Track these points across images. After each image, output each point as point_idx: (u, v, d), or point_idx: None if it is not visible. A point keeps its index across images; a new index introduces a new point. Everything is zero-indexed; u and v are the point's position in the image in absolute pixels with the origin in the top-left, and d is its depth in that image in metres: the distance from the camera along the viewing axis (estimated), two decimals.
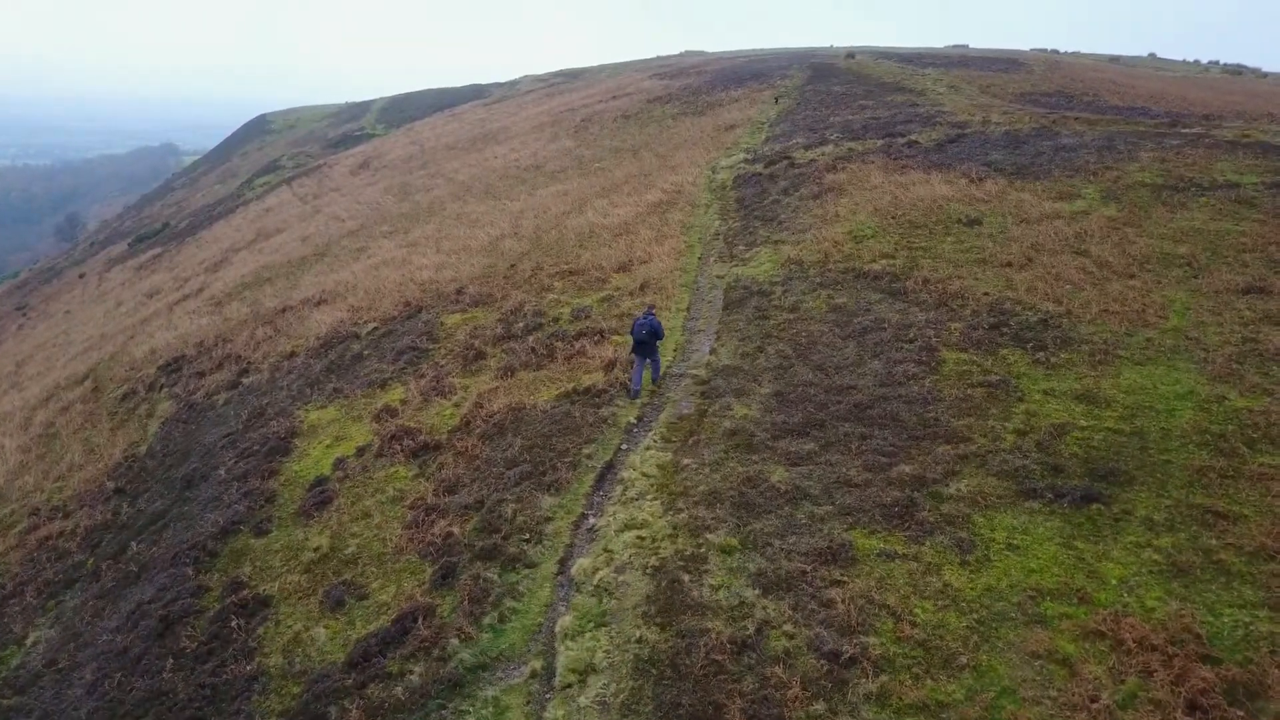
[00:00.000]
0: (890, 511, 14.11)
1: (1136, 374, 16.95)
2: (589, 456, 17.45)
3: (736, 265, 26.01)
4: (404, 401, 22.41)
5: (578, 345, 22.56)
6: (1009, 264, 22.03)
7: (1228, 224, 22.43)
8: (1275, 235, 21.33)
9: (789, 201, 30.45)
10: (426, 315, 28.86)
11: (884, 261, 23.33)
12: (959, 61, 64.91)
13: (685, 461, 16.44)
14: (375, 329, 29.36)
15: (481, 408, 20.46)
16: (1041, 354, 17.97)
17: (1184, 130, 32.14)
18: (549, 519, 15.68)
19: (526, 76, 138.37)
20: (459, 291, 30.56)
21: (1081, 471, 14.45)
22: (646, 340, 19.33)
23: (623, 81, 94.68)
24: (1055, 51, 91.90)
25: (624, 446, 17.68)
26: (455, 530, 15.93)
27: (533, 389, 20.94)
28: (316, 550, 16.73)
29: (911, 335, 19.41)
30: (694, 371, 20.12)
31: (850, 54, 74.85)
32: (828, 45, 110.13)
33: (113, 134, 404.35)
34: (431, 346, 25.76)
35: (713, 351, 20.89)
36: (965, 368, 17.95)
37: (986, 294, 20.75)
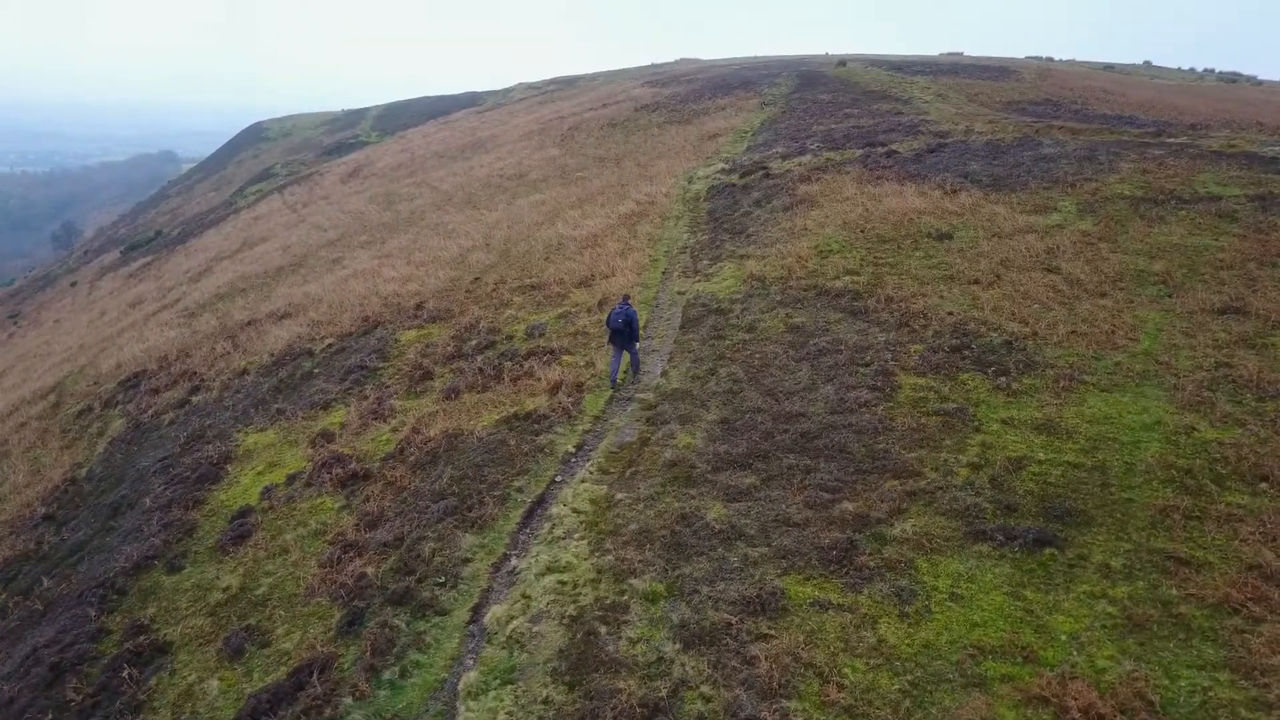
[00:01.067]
0: (828, 555, 13.05)
1: (1102, 402, 15.89)
2: (520, 490, 16.41)
3: (699, 281, 24.98)
4: (343, 425, 21.42)
5: (526, 366, 21.54)
6: (976, 281, 20.99)
7: (1206, 239, 21.39)
8: (1255, 251, 20.27)
9: (759, 214, 29.44)
10: (382, 331, 27.87)
11: (847, 278, 22.29)
12: (949, 69, 63.95)
13: (619, 496, 15.40)
14: (330, 345, 28.37)
15: (418, 433, 19.44)
16: (1003, 379, 16.92)
17: (1169, 140, 31.10)
18: (468, 560, 14.63)
19: (521, 84, 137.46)
20: (419, 306, 29.59)
21: (1036, 511, 13.39)
22: (623, 330, 19.25)
23: (615, 89, 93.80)
24: (1050, 59, 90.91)
25: (559, 478, 16.64)
26: (369, 571, 14.88)
27: (474, 413, 19.92)
28: (226, 590, 15.70)
29: (868, 358, 18.36)
30: (642, 395, 19.10)
31: (841, 62, 73.90)
32: (823, 53, 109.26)
33: (112, 140, 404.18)
34: (381, 365, 24.75)
35: (664, 374, 19.86)
36: (922, 394, 16.89)
37: (950, 313, 19.71)
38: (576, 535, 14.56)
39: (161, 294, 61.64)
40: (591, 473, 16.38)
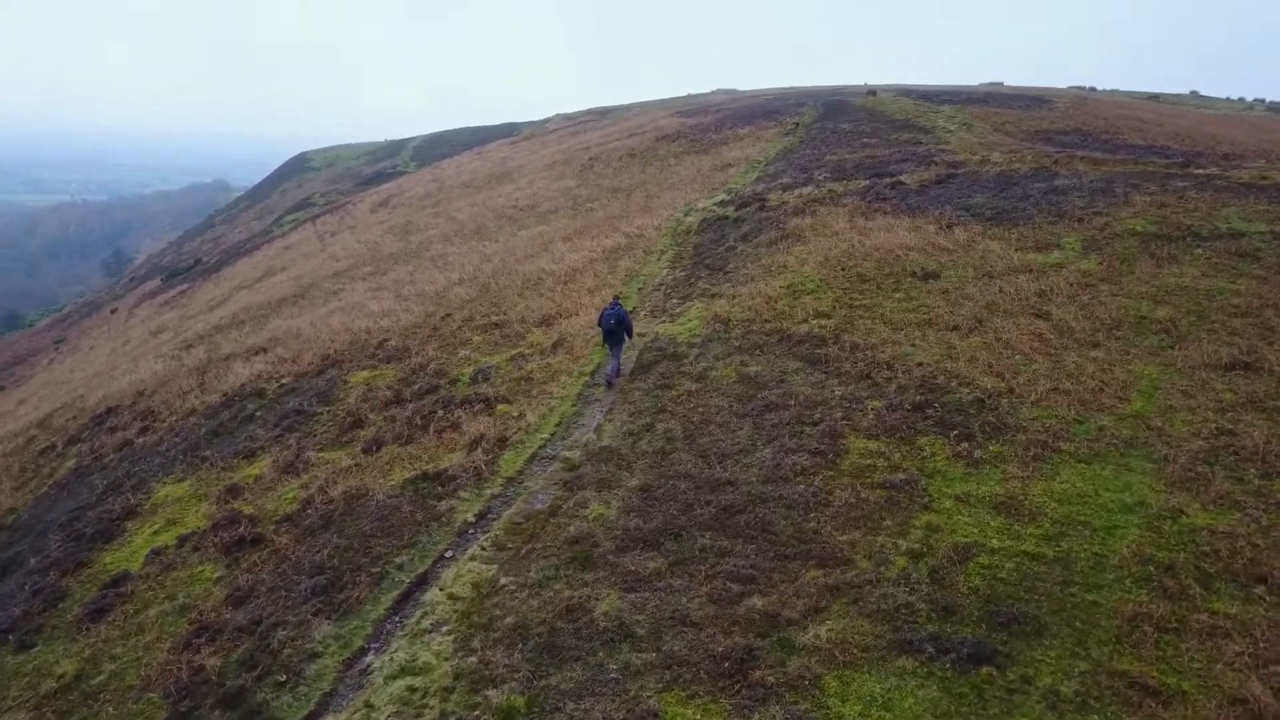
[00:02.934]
0: (721, 666, 10.83)
1: (1077, 475, 13.50)
2: (401, 567, 14.37)
3: (663, 322, 22.89)
4: (258, 479, 19.61)
5: (455, 416, 19.60)
6: (955, 327, 18.66)
7: (1222, 281, 18.86)
8: (1275, 296, 17.75)
9: (744, 249, 27.30)
10: (335, 372, 26.14)
11: (816, 322, 20.06)
12: (980, 98, 61.32)
13: (505, 581, 13.29)
14: (282, 386, 26.68)
15: (324, 492, 17.53)
16: (966, 445, 14.58)
17: (1196, 171, 28.45)
18: (318, 654, 12.61)
19: (558, 115, 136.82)
20: (381, 344, 27.83)
21: (979, 615, 11.06)
22: (615, 329, 19.71)
23: (645, 120, 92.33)
24: (1092, 89, 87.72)
25: (449, 553, 14.58)
26: (210, 663, 12.93)
27: (386, 470, 17.99)
28: (60, 678, 13.83)
29: (818, 416, 16.11)
30: (568, 453, 17.01)
31: (871, 91, 71.60)
32: (861, 83, 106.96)
33: (169, 170, 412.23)
34: (320, 410, 22.96)
35: (598, 428, 17.75)
36: (869, 462, 14.61)
37: (921, 364, 17.40)
38: (445, 628, 12.48)
39: (180, 323, 61.06)
40: (484, 548, 14.30)
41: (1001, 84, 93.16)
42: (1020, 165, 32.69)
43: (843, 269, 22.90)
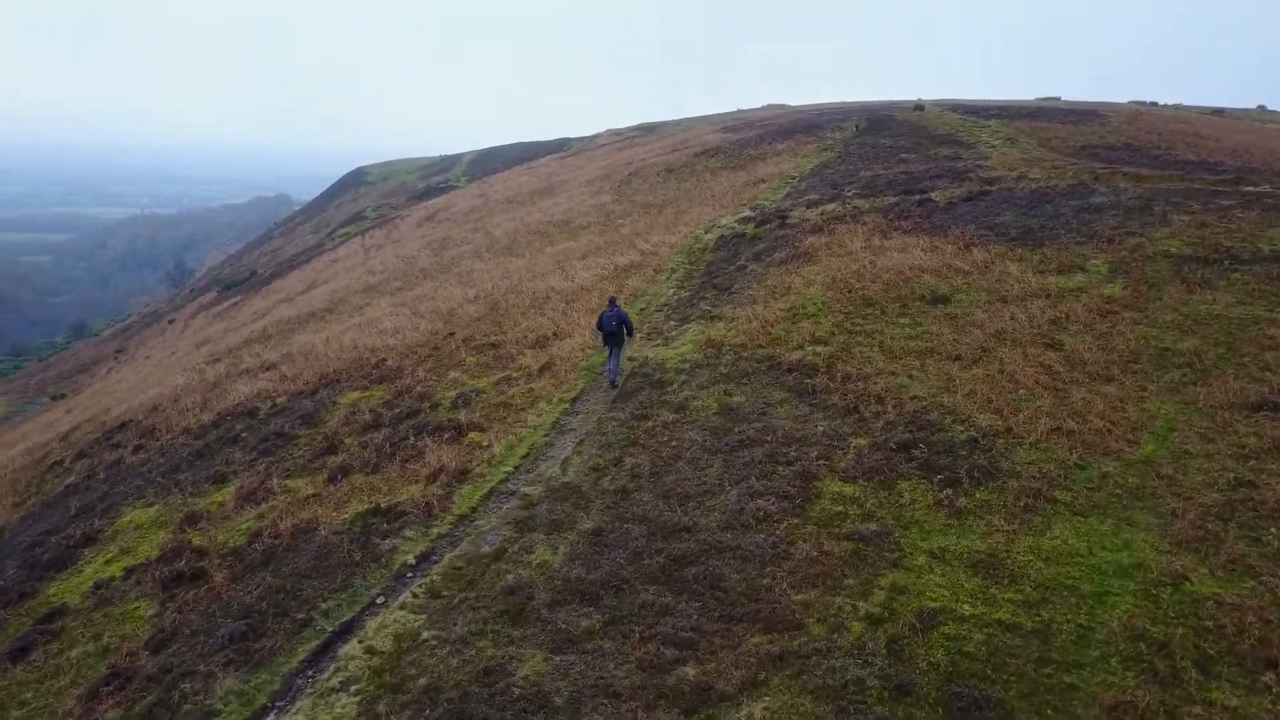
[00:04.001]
0: None
1: (1071, 530, 11.97)
2: (327, 613, 13.27)
3: (658, 345, 21.63)
4: (220, 506, 18.72)
5: (422, 444, 18.56)
6: (958, 357, 17.14)
7: (1258, 309, 17.09)
8: None
9: (754, 269, 25.96)
10: (327, 392, 25.30)
11: (811, 349, 18.67)
12: (1031, 113, 59.07)
13: (429, 635, 12.12)
14: (274, 405, 25.90)
15: (274, 525, 16.54)
16: (950, 491, 13.10)
17: (1246, 188, 26.45)
18: (215, 713, 11.52)
19: (608, 130, 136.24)
20: (379, 364, 26.96)
21: (936, 696, 9.62)
22: (616, 331, 19.68)
23: (690, 135, 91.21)
24: (1153, 104, 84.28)
25: (381, 599, 13.45)
26: (109, 717, 11.92)
27: (344, 501, 16.97)
28: None
29: (793, 454, 14.72)
30: (528, 489, 15.82)
31: (918, 105, 69.65)
32: (914, 98, 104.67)
33: (235, 184, 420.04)
34: (300, 433, 22.08)
35: (565, 461, 16.54)
36: (841, 508, 13.20)
37: (915, 398, 15.92)
38: (354, 687, 11.34)
39: (224, 335, 61.34)
40: (417, 596, 13.14)
41: (1058, 99, 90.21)
42: (1058, 181, 30.90)
43: (849, 291, 21.45)
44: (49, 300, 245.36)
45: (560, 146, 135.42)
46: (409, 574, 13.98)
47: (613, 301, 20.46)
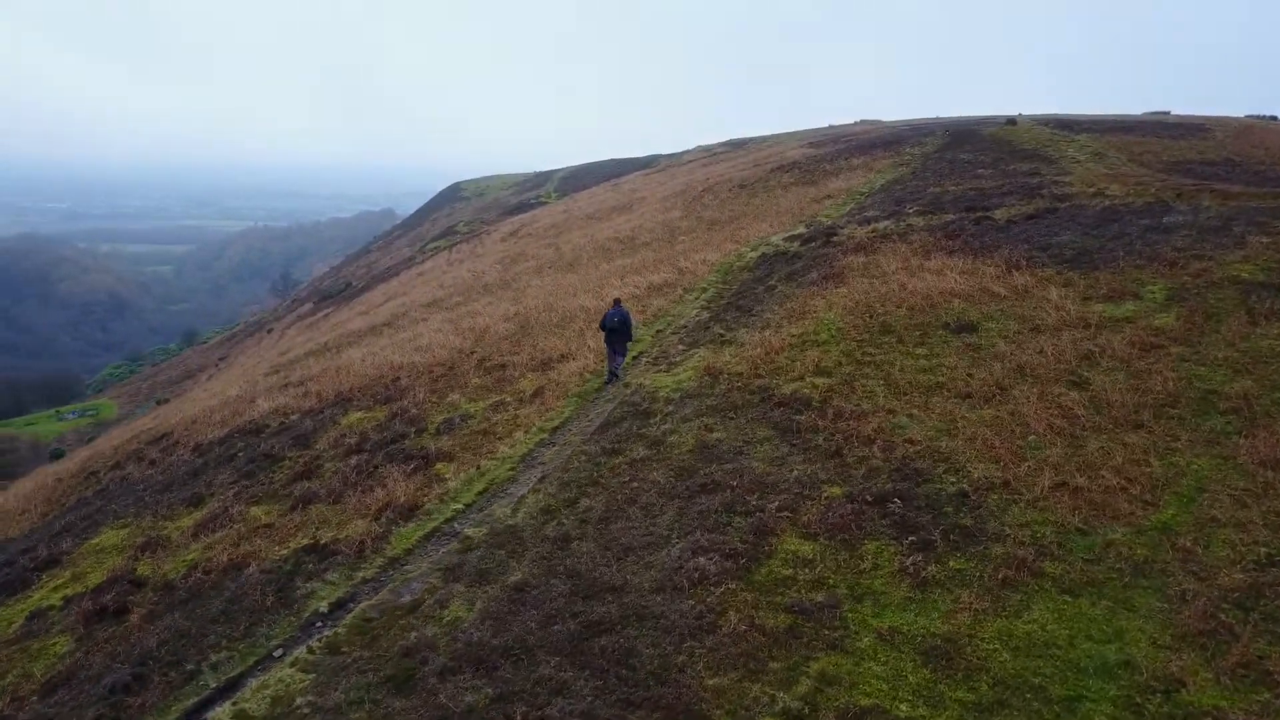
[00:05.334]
0: None
1: (1053, 612, 9.93)
2: (216, 666, 11.99)
3: (660, 371, 20.00)
4: (182, 532, 17.77)
5: (387, 473, 17.29)
6: (968, 395, 15.07)
7: None
8: None
9: (782, 290, 24.12)
10: (334, 410, 24.38)
11: (811, 380, 16.81)
12: (1127, 127, 55.45)
13: (304, 701, 10.71)
14: (283, 423, 25.11)
15: (214, 558, 15.46)
16: (920, 557, 11.16)
17: None
18: None
19: (698, 146, 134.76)
20: (393, 382, 25.99)
21: None
22: (618, 329, 19.89)
23: (775, 151, 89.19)
24: (1273, 118, 78.67)
25: (278, 652, 12.11)
26: None
27: (291, 534, 15.80)
28: None
29: (755, 503, 12.92)
30: (472, 530, 14.36)
31: (1010, 120, 66.38)
32: (1015, 113, 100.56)
33: (345, 199, 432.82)
34: (289, 455, 21.11)
35: (519, 500, 15.04)
36: (790, 572, 11.36)
37: (909, 441, 13.95)
38: None
39: (298, 346, 61.96)
40: (313, 651, 11.77)
41: (1168, 113, 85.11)
42: (1134, 199, 28.22)
43: (870, 316, 19.49)
44: (168, 308, 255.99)
45: (650, 163, 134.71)
46: (318, 623, 12.63)
47: (617, 302, 20.74)
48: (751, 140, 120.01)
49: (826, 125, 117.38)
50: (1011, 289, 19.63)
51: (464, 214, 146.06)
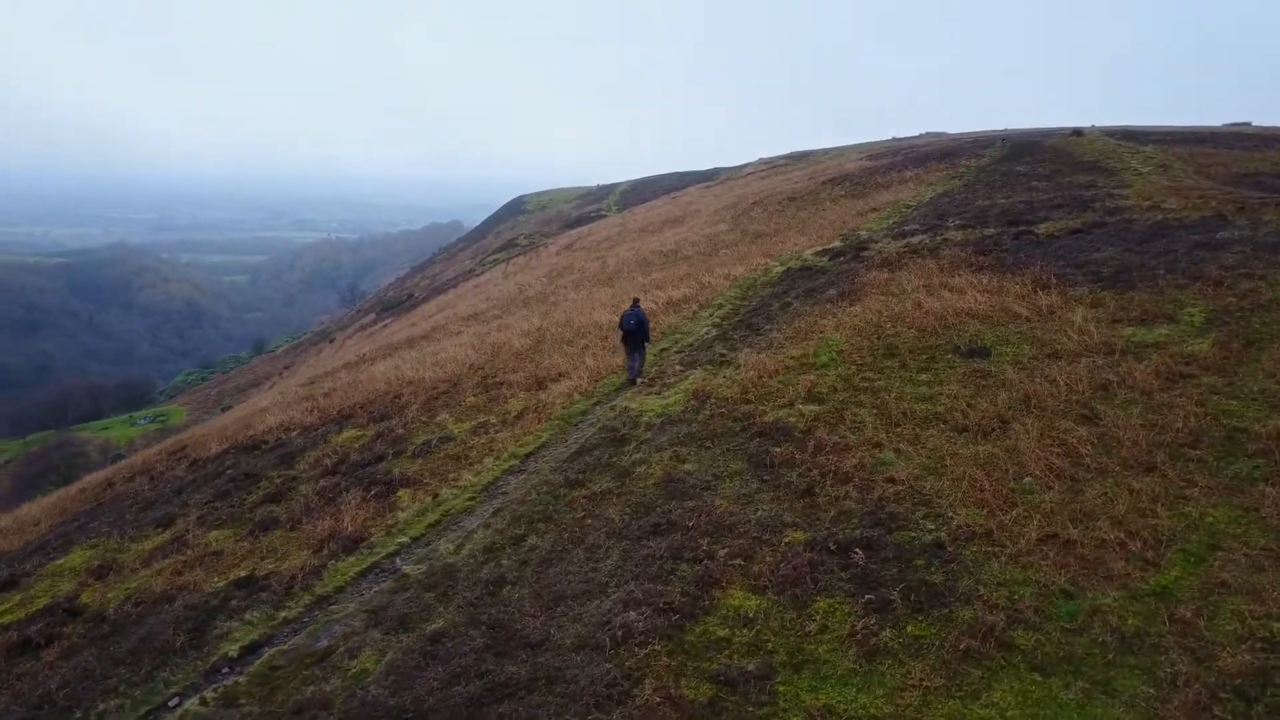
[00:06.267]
0: None
1: (1016, 694, 8.42)
2: (103, 716, 10.99)
3: (652, 393, 18.70)
4: (139, 556, 16.97)
5: (346, 499, 16.25)
6: (965, 428, 13.51)
7: None
8: None
9: (796, 307, 22.67)
10: (328, 429, 23.57)
11: (801, 407, 15.38)
12: (1199, 139, 52.54)
13: None
14: (280, 440, 24.36)
15: (151, 588, 14.57)
16: (876, 619, 9.69)
17: None
18: None
19: (760, 159, 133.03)
20: (394, 399, 25.08)
21: None
22: (635, 330, 19.81)
23: (833, 164, 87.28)
24: None
25: (174, 702, 11.06)
26: None
27: (235, 563, 14.86)
28: None
29: (706, 549, 11.54)
30: (411, 568, 13.22)
31: (1076, 131, 63.70)
32: (1089, 125, 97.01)
33: (415, 211, 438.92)
34: (270, 474, 20.28)
35: (469, 534, 13.87)
36: (727, 632, 9.97)
37: (890, 480, 12.46)
38: None
39: (342, 357, 62.05)
40: (206, 704, 10.70)
41: (1248, 124, 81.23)
42: (1191, 213, 26.18)
43: (877, 337, 17.97)
44: (243, 317, 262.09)
45: (711, 176, 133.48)
46: (224, 669, 11.56)
47: (635, 302, 20.66)
48: (814, 152, 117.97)
49: (890, 137, 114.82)
50: (1035, 310, 17.94)
51: (526, 227, 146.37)
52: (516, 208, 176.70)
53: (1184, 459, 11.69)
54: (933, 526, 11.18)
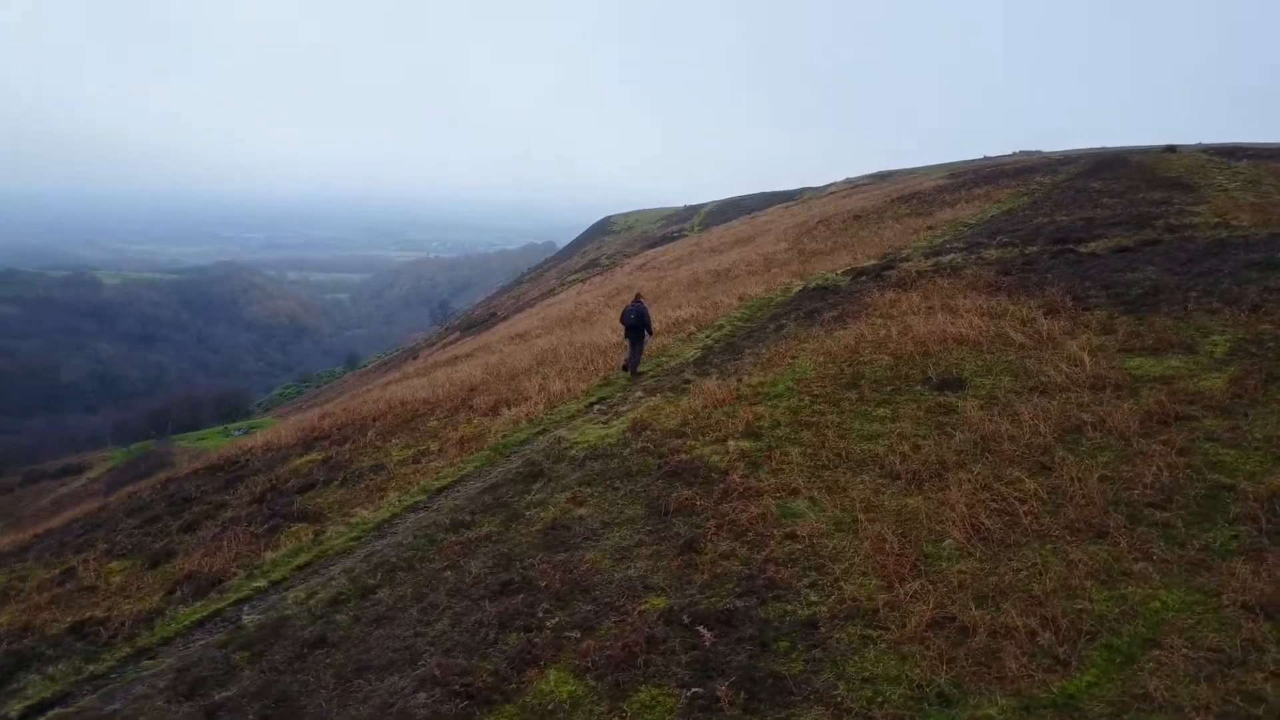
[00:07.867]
0: None
1: None
2: None
3: (603, 421, 16.87)
4: (39, 584, 15.86)
5: (235, 534, 14.84)
6: (897, 475, 11.30)
7: None
8: None
9: (790, 329, 20.60)
10: (294, 450, 22.44)
11: (733, 444, 13.36)
12: None
13: None
14: (249, 460, 23.29)
15: (39, 613, 13.35)
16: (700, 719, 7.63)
17: None
18: None
19: (845, 179, 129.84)
20: (368, 421, 23.86)
21: None
22: (636, 325, 20.21)
23: (910, 183, 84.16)
24: None
25: None
26: None
27: (91, 603, 13.62)
28: None
29: (540, 617, 9.63)
30: (252, 617, 11.65)
31: (1169, 148, 59.61)
32: (1197, 143, 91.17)
33: (514, 232, 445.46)
34: (211, 498, 19.26)
35: (328, 580, 12.23)
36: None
37: (792, 536, 10.36)
38: None
39: (392, 374, 61.84)
40: None
41: None
42: (1260, 230, 23.30)
43: (847, 365, 15.82)
44: (344, 333, 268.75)
45: (793, 196, 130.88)
46: None
47: (638, 297, 21.10)
48: (898, 172, 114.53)
49: (981, 156, 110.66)
50: (1034, 336, 15.52)
51: (610, 247, 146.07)
52: (604, 228, 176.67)
53: (1145, 522, 9.31)
54: (816, 599, 9.06)
